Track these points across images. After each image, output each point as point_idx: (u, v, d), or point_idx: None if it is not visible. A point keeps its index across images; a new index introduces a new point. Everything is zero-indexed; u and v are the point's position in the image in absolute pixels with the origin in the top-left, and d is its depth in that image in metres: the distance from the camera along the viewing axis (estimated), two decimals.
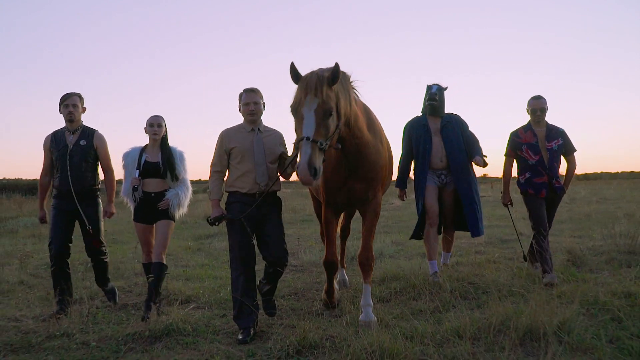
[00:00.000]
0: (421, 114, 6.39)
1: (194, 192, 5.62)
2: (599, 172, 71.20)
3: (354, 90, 4.37)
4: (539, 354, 3.40)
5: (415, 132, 6.26)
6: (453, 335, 3.86)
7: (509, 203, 6.37)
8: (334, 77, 3.94)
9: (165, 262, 5.14)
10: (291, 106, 4.01)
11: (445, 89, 6.37)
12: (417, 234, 6.34)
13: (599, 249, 7.71)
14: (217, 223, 4.54)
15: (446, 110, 6.35)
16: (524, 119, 6.20)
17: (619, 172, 68.18)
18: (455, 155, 6.13)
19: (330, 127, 3.92)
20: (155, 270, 5.02)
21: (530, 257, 6.28)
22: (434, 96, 6.22)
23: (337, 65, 3.93)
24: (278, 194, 4.78)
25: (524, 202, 6.09)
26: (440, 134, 6.21)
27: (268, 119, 4.65)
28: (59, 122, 5.48)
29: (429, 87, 6.34)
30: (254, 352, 3.84)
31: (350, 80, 4.31)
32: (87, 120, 5.51)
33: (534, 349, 3.53)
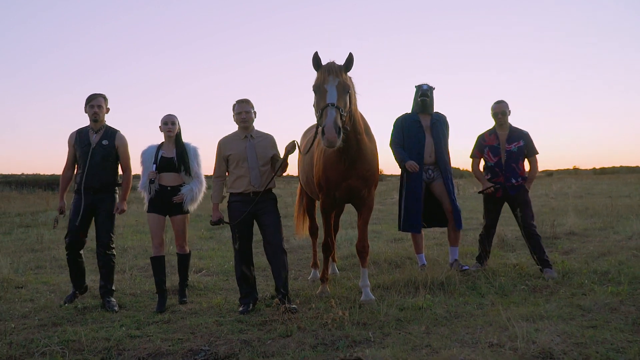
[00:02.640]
0: (411, 112, 6.64)
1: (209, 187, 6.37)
2: (617, 166, 71.32)
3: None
4: (422, 294, 5.35)
5: (407, 127, 6.52)
6: (375, 286, 5.83)
7: (488, 188, 6.49)
8: (349, 63, 4.77)
9: (188, 252, 5.86)
10: (314, 85, 4.69)
11: (434, 88, 6.65)
12: (408, 227, 6.54)
13: None
14: (217, 224, 5.46)
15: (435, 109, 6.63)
16: (523, 117, 7.03)
17: (639, 165, 68.46)
18: (441, 151, 6.47)
19: (346, 103, 4.64)
20: (181, 261, 5.81)
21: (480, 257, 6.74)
22: (426, 92, 6.48)
23: (351, 54, 4.76)
24: (273, 190, 5.49)
25: (482, 201, 6.79)
26: (430, 130, 6.50)
27: (281, 114, 5.88)
28: (75, 118, 6.12)
29: (419, 86, 6.57)
30: None
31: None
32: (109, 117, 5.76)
33: (423, 291, 5.46)
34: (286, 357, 3.81)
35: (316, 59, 4.79)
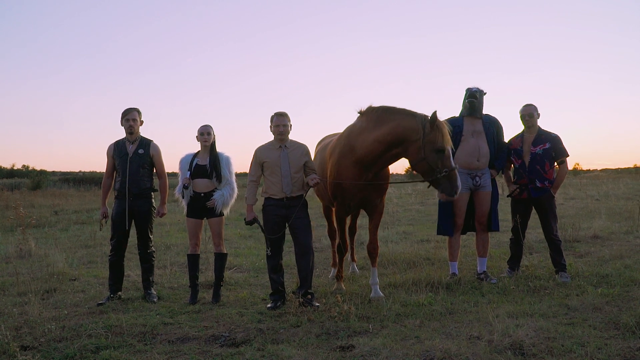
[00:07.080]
0: (458, 115, 6.65)
1: (242, 186, 6.86)
2: None
3: None
4: (429, 291, 5.86)
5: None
6: (387, 285, 6.37)
7: (514, 191, 6.67)
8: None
9: (224, 251, 6.29)
10: (445, 144, 5.29)
11: (485, 93, 6.66)
12: (445, 231, 6.72)
13: None
14: (251, 224, 5.91)
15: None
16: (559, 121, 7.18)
17: None
18: (493, 156, 6.52)
19: None
20: (217, 259, 6.20)
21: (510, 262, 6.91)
22: (475, 94, 6.49)
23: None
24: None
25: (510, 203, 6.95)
26: (484, 134, 6.50)
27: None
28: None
29: (468, 89, 6.59)
30: (269, 292, 6.43)
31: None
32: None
33: (430, 290, 5.97)
34: (292, 344, 4.40)
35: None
